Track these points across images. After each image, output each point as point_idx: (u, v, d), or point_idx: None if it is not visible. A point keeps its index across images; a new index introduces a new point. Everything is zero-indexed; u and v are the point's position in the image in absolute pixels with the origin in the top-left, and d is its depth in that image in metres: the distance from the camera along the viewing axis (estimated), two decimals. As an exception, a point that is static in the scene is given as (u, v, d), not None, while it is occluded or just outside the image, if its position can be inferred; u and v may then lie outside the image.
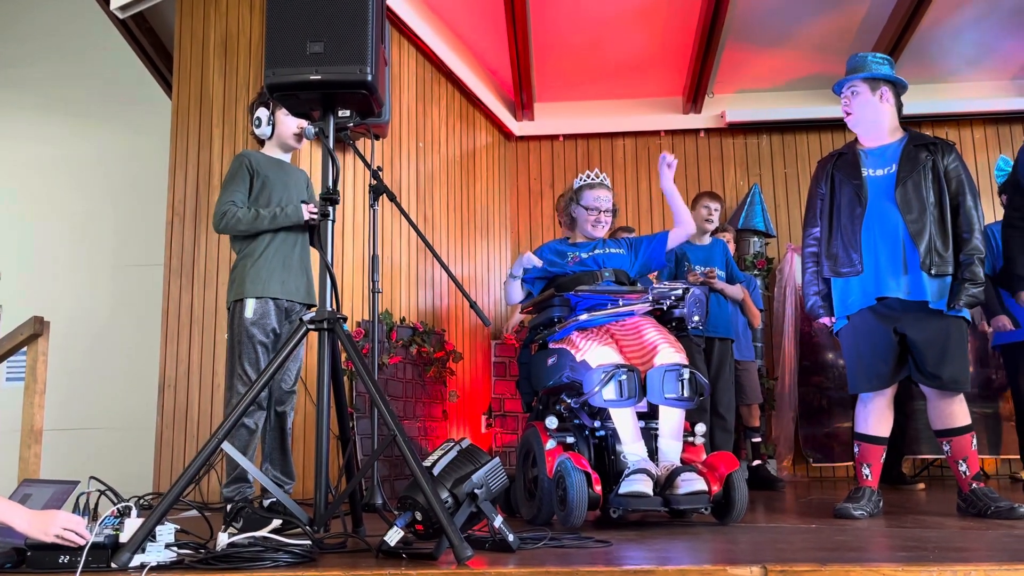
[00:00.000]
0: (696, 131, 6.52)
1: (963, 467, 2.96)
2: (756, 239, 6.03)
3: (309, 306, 3.11)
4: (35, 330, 3.50)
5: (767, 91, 6.45)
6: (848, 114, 3.17)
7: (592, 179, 3.37)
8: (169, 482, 4.27)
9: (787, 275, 5.92)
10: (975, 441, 2.98)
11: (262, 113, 3.10)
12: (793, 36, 5.80)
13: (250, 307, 2.94)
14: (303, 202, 3.01)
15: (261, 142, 3.16)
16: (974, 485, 2.93)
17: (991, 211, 6.12)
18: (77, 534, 1.85)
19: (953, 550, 2.02)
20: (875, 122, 3.13)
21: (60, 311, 4.86)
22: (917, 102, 6.20)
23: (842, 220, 3.09)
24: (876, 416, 3.04)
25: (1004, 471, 5.69)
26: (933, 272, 2.92)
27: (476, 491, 1.99)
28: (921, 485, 4.74)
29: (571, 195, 3.40)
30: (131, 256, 5.80)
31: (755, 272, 5.80)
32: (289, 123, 3.10)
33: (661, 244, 3.33)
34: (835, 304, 3.13)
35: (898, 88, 3.16)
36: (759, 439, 4.99)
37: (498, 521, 2.02)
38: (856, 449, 3.08)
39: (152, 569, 1.81)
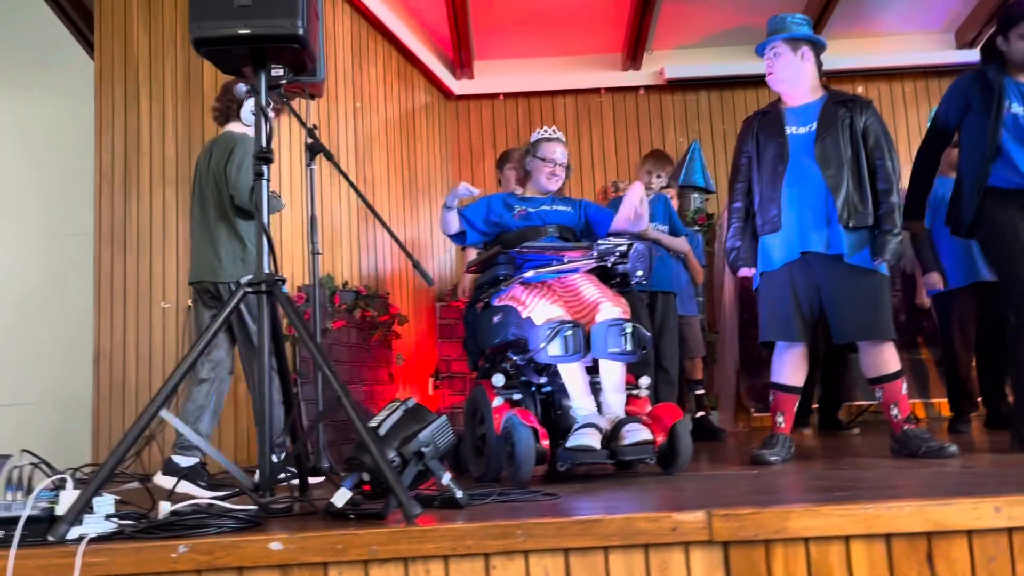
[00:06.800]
0: (635, 88, 6.52)
1: (895, 411, 3.06)
2: (696, 195, 6.10)
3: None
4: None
5: (705, 47, 6.48)
6: (770, 74, 3.22)
7: (549, 134, 3.37)
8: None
9: (727, 230, 6.00)
10: (905, 386, 3.09)
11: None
12: (730, -9, 5.82)
13: None
14: None
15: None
16: (906, 427, 3.04)
17: (921, 163, 6.27)
18: None
19: (888, 488, 2.09)
20: (796, 81, 3.19)
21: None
22: (850, 56, 6.31)
23: (765, 178, 3.15)
24: (791, 366, 3.13)
25: (932, 415, 5.92)
26: (851, 225, 3.01)
27: (423, 449, 1.98)
28: (856, 430, 4.90)
29: (528, 147, 3.39)
30: (58, 225, 5.58)
31: (696, 228, 5.87)
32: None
33: (606, 224, 3.34)
34: (759, 260, 3.20)
35: (817, 47, 3.22)
36: (702, 391, 5.09)
37: (446, 478, 2.02)
38: (771, 397, 3.18)
39: (91, 540, 1.76)
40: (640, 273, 2.91)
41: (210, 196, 3.15)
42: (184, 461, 2.85)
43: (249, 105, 3.12)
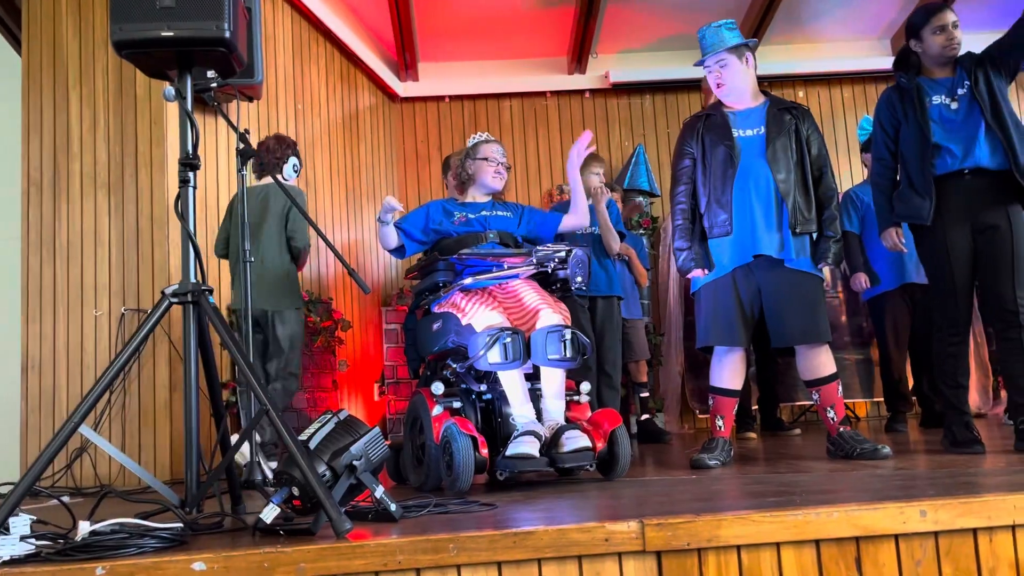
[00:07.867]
0: (581, 92, 6.54)
1: (831, 413, 3.11)
2: (641, 199, 6.13)
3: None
4: None
5: (649, 51, 6.52)
6: (720, 86, 3.22)
7: (486, 136, 3.37)
8: (38, 468, 4.02)
9: (671, 233, 6.05)
10: (840, 388, 3.15)
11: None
12: (673, -4, 5.87)
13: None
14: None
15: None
16: (841, 429, 3.09)
17: (859, 169, 6.43)
18: None
19: (819, 492, 2.12)
20: (745, 87, 3.22)
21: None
22: (789, 62, 6.43)
23: (713, 181, 3.15)
24: (731, 370, 3.16)
25: (874, 413, 6.05)
26: (798, 230, 3.05)
27: (355, 463, 1.94)
28: (798, 431, 4.98)
29: (467, 151, 3.36)
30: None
31: (640, 231, 5.90)
32: None
33: (552, 226, 3.32)
34: (708, 264, 3.21)
35: (752, 48, 3.25)
36: (647, 394, 5.11)
37: (379, 491, 1.98)
38: (711, 401, 3.20)
39: (5, 564, 1.69)
40: (580, 279, 2.90)
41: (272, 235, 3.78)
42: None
43: (292, 163, 3.82)
